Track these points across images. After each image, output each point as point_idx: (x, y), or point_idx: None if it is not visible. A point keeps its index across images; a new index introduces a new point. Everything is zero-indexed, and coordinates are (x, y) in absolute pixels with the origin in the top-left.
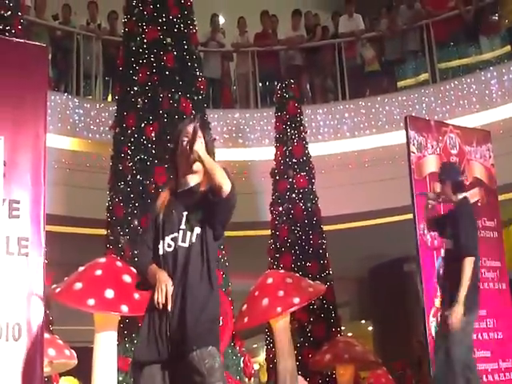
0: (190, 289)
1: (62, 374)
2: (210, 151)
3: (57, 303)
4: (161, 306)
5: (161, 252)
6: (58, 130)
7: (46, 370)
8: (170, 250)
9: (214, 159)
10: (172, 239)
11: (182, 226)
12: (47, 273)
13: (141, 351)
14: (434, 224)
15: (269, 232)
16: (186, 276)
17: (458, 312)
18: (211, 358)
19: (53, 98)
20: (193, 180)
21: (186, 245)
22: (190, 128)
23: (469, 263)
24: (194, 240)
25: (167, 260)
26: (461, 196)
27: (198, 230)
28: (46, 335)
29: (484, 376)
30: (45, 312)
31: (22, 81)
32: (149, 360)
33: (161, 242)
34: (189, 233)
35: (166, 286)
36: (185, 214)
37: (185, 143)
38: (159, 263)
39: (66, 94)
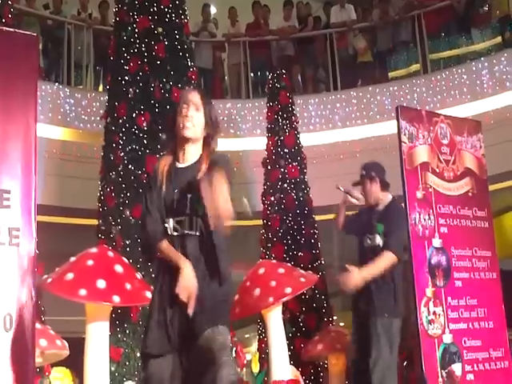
0: (200, 283)
1: (53, 365)
2: (214, 121)
3: (48, 294)
4: (181, 301)
5: (168, 232)
6: (48, 120)
7: (38, 360)
8: (176, 234)
9: (217, 127)
10: (177, 223)
11: (188, 211)
12: (38, 263)
13: (150, 342)
14: (354, 223)
15: (261, 222)
16: (198, 270)
17: (354, 274)
18: (222, 335)
19: (43, 87)
20: (192, 155)
21: (194, 233)
22: (192, 96)
23: (388, 257)
24: (201, 228)
25: (174, 244)
26: (389, 196)
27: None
28: (38, 326)
29: (475, 365)
30: (36, 302)
31: (12, 70)
32: (159, 352)
33: (166, 220)
34: (195, 219)
35: (191, 287)
36: (189, 196)
37: (184, 110)
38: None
39: (56, 84)
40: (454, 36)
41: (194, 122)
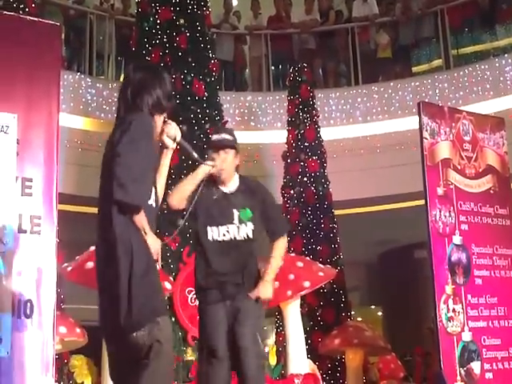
0: None
1: (72, 352)
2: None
3: (68, 282)
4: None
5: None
6: (70, 110)
7: (57, 347)
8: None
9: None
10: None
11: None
12: (59, 251)
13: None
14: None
15: None
16: None
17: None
18: None
19: (65, 77)
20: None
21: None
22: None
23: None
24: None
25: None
26: None
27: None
28: (58, 313)
29: (494, 364)
30: (56, 290)
31: (36, 59)
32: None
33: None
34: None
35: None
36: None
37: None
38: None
39: (78, 74)
40: (478, 32)
41: None
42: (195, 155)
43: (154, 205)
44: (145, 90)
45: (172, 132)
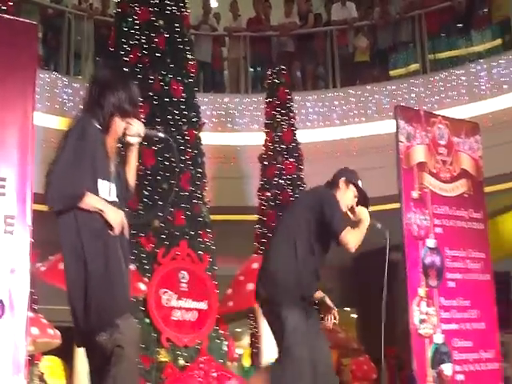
0: None
1: (44, 354)
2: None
3: (41, 282)
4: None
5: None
6: (46, 109)
7: (29, 348)
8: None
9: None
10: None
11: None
12: (32, 251)
13: None
14: None
15: (256, 217)
16: None
17: None
18: None
19: (42, 76)
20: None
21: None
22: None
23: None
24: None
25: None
26: None
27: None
28: (30, 314)
29: (465, 366)
30: (29, 290)
31: (12, 58)
32: None
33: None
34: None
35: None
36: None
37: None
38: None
39: (55, 73)
40: (454, 37)
41: None
42: (162, 135)
43: (117, 200)
44: (109, 90)
45: (134, 131)
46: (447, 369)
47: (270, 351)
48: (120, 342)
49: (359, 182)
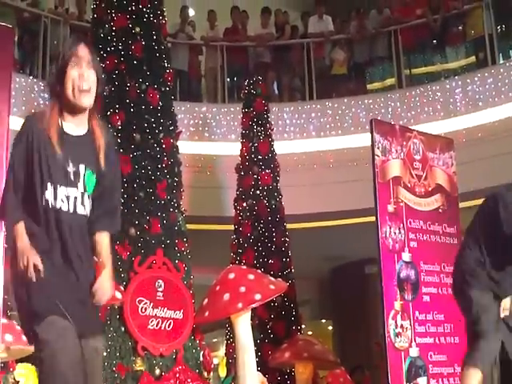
0: None
1: (18, 361)
2: (100, 79)
3: None
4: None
5: (51, 205)
6: (22, 113)
7: (3, 355)
8: (66, 209)
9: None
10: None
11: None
12: (6, 257)
13: None
14: None
15: (232, 227)
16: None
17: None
18: None
19: (18, 80)
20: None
21: (84, 212)
22: (81, 51)
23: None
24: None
25: (60, 223)
26: None
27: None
28: (4, 320)
29: (440, 379)
30: (3, 297)
31: None
32: None
33: (48, 191)
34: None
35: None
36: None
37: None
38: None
39: (31, 77)
40: (429, 53)
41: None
42: None
43: (68, 209)
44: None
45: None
46: (422, 382)
47: (245, 362)
48: (40, 347)
49: None
